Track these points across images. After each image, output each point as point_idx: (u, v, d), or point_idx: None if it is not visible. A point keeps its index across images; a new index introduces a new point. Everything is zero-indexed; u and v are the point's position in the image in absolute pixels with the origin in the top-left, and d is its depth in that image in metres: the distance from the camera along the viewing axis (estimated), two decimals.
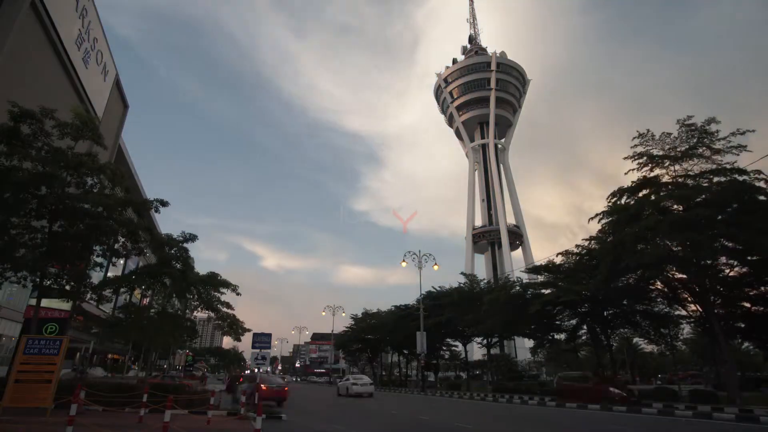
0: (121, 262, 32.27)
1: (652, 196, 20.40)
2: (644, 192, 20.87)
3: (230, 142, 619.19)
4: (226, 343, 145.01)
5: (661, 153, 20.80)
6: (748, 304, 22.02)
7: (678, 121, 20.54)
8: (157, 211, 15.38)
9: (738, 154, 19.21)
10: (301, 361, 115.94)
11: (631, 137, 21.71)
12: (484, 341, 37.96)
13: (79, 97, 23.88)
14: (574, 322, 29.48)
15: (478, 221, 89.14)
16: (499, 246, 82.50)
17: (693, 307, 22.94)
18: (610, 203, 22.09)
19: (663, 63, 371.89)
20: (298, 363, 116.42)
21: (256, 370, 33.60)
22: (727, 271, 20.81)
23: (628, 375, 53.14)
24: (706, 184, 19.46)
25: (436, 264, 35.82)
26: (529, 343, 40.64)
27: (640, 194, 20.96)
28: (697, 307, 21.98)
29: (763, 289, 21.05)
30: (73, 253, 13.13)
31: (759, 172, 18.27)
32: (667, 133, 20.84)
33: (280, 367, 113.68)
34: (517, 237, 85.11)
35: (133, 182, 36.11)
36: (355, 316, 58.91)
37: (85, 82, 24.16)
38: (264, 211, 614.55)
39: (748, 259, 19.58)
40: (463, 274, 42.66)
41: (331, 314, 59.10)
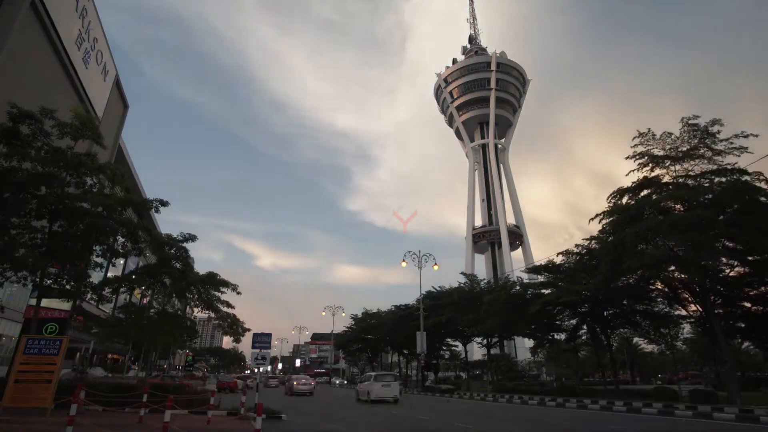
0: (121, 262, 32.27)
1: (653, 197, 20.38)
2: (645, 192, 20.85)
3: (221, 140, 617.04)
4: (226, 343, 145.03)
5: (661, 153, 20.78)
6: (748, 304, 22.03)
7: (682, 120, 20.48)
8: (157, 211, 15.39)
9: (739, 155, 19.18)
10: (302, 361, 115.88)
11: (623, 134, 21.81)
12: (484, 341, 37.97)
13: (79, 97, 23.88)
14: (574, 322, 29.47)
15: (478, 221, 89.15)
16: (499, 246, 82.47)
17: (693, 307, 22.93)
18: (611, 203, 22.07)
19: (655, 60, 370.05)
20: (298, 363, 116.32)
21: (256, 370, 33.60)
22: (727, 271, 20.80)
23: (628, 375, 53.18)
24: (707, 185, 19.45)
25: (436, 264, 35.79)
26: (529, 343, 40.64)
27: (641, 194, 20.95)
28: (697, 307, 21.97)
29: (763, 289, 21.06)
30: (73, 253, 13.12)
31: (760, 174, 18.27)
32: (669, 133, 20.81)
33: (280, 366, 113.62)
34: (517, 237, 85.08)
35: (133, 182, 36.12)
36: (355, 316, 58.95)
37: (85, 82, 24.15)
38: (257, 210, 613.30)
39: (748, 259, 19.59)
40: (463, 274, 42.66)
41: (331, 314, 59.13)
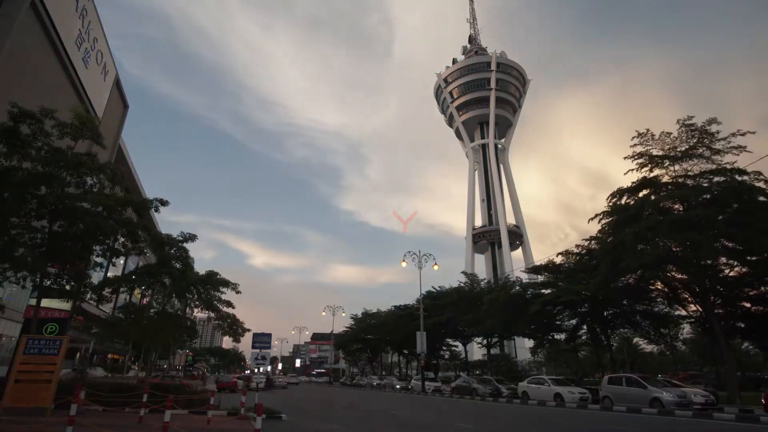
0: (121, 262, 32.29)
1: (652, 197, 20.40)
2: (644, 192, 20.88)
3: (209, 139, 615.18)
4: (226, 343, 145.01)
5: (660, 153, 20.80)
6: (748, 304, 22.04)
7: (678, 121, 20.56)
8: (156, 211, 15.39)
9: (738, 155, 19.22)
10: (302, 361, 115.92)
11: (616, 132, 21.94)
12: (484, 341, 37.99)
13: (79, 97, 23.88)
14: (574, 322, 29.49)
15: (478, 221, 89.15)
16: (499, 246, 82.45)
17: (693, 307, 22.95)
18: (610, 203, 22.10)
19: (647, 56, 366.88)
20: (298, 363, 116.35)
21: (256, 370, 33.69)
22: (727, 271, 20.82)
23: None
24: (706, 185, 19.46)
25: (436, 264, 35.80)
26: (529, 343, 40.63)
27: (640, 194, 20.97)
28: (697, 307, 21.99)
29: (763, 289, 21.07)
30: (73, 253, 13.11)
31: (759, 173, 18.29)
32: (667, 133, 20.85)
33: (281, 366, 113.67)
34: (517, 237, 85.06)
35: (132, 182, 36.13)
36: (355, 316, 58.99)
37: (85, 82, 24.16)
38: (248, 209, 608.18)
39: (748, 259, 19.59)
40: (464, 273, 42.66)
41: (331, 314, 59.12)
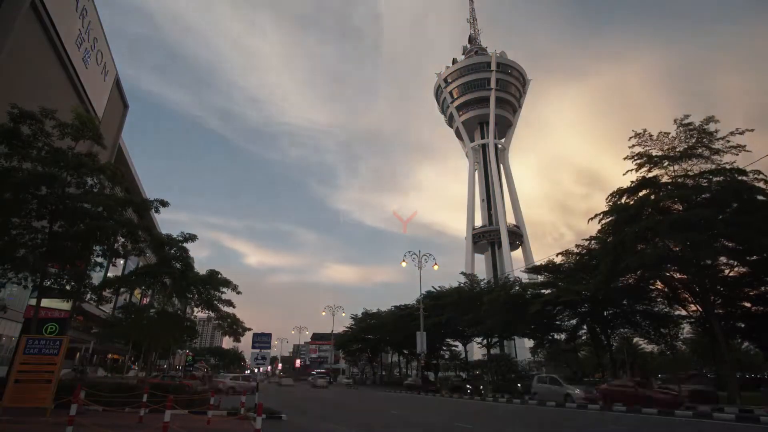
0: (121, 262, 32.27)
1: (652, 196, 20.40)
2: (644, 192, 20.87)
3: (200, 137, 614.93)
4: (226, 343, 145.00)
5: (659, 153, 20.79)
6: (748, 304, 22.03)
7: (675, 121, 20.54)
8: (157, 211, 15.38)
9: (737, 154, 19.21)
10: (302, 361, 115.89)
11: (609, 130, 21.84)
12: (484, 341, 37.97)
13: (79, 97, 23.88)
14: (574, 322, 29.50)
15: (478, 221, 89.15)
16: (499, 246, 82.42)
17: (693, 307, 22.95)
18: (610, 203, 22.10)
19: (638, 53, 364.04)
20: (298, 363, 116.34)
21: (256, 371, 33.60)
22: (727, 271, 20.81)
23: (628, 375, 53.11)
24: (706, 184, 19.45)
25: (436, 264, 35.85)
26: (529, 343, 40.64)
27: (640, 194, 20.96)
28: (697, 307, 21.98)
29: (763, 289, 21.07)
30: (73, 253, 13.11)
31: (758, 173, 18.27)
32: (665, 133, 20.85)
33: (281, 366, 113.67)
34: (517, 237, 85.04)
35: (133, 182, 36.13)
36: (355, 316, 58.98)
37: (85, 82, 24.15)
38: (242, 208, 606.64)
39: (748, 259, 19.58)
40: (463, 273, 42.67)
41: (331, 314, 59.16)
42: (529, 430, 12.15)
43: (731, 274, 20.78)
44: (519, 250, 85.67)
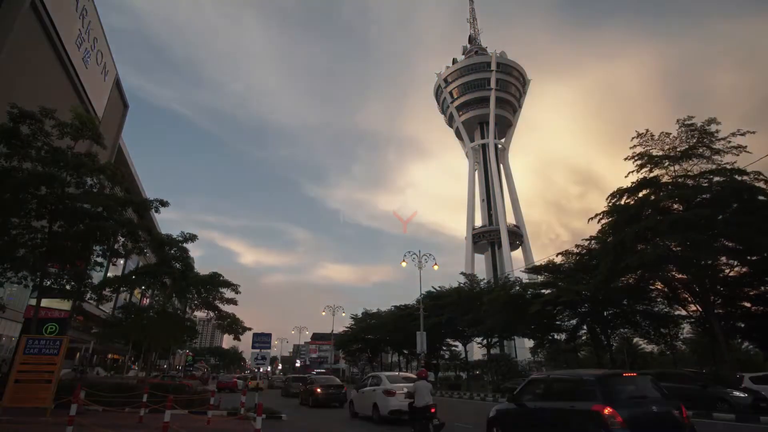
0: (121, 262, 32.28)
1: (652, 197, 20.40)
2: (644, 192, 20.87)
3: (188, 135, 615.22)
4: (226, 343, 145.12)
5: (660, 153, 20.80)
6: (748, 304, 22.02)
7: (678, 121, 20.56)
8: (157, 211, 15.40)
9: (738, 155, 19.20)
10: (302, 361, 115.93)
11: (601, 128, 21.71)
12: (484, 341, 37.96)
13: (79, 97, 23.89)
14: (574, 322, 29.47)
15: (478, 221, 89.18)
16: (499, 246, 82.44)
17: (693, 307, 22.93)
18: (610, 203, 22.10)
19: (629, 49, 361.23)
20: (298, 363, 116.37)
21: (256, 370, 33.60)
22: (727, 271, 20.81)
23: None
24: (706, 185, 19.45)
25: (436, 264, 35.82)
26: (529, 343, 40.61)
27: (640, 194, 20.96)
28: (697, 307, 21.97)
29: (763, 289, 21.05)
30: (73, 253, 13.13)
31: (759, 173, 18.27)
32: (667, 133, 20.85)
33: (280, 366, 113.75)
34: (517, 237, 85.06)
35: (132, 182, 36.14)
36: (355, 316, 58.98)
37: (85, 82, 24.17)
38: (234, 207, 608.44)
39: (748, 258, 19.58)
40: (463, 273, 42.66)
41: (331, 314, 59.15)
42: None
43: (731, 274, 20.77)
44: (519, 250, 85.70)
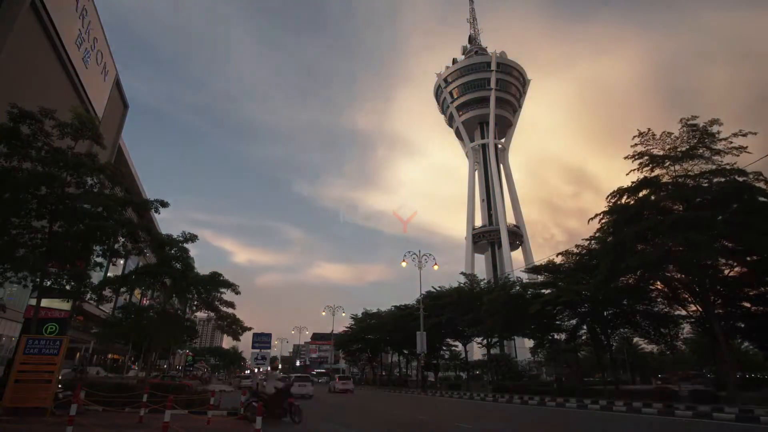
0: (121, 262, 32.28)
1: (653, 197, 20.39)
2: (644, 192, 20.86)
3: (176, 132, 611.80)
4: (226, 343, 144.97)
5: (661, 153, 20.79)
6: (748, 304, 22.02)
7: (681, 120, 20.56)
8: (156, 211, 15.39)
9: (738, 155, 19.20)
10: (302, 361, 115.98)
11: (593, 127, 21.65)
12: (484, 341, 37.96)
13: (79, 97, 23.89)
14: (574, 322, 29.45)
15: (478, 221, 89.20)
16: (499, 246, 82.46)
17: (693, 307, 22.93)
18: (610, 203, 22.10)
19: (621, 44, 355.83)
20: (298, 363, 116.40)
21: (256, 370, 33.62)
22: (727, 271, 20.80)
23: (628, 375, 53.15)
24: (706, 185, 19.46)
25: (436, 264, 35.91)
26: (529, 343, 40.62)
27: (640, 194, 20.95)
28: (697, 307, 21.97)
29: (763, 289, 21.04)
30: (73, 253, 13.11)
31: (759, 174, 18.28)
32: (668, 133, 20.85)
33: (280, 366, 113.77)
34: (517, 237, 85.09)
35: (132, 182, 36.14)
36: (355, 316, 58.99)
37: (85, 82, 24.16)
38: (227, 206, 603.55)
39: (748, 259, 19.58)
40: (463, 273, 42.66)
41: (331, 314, 59.21)
42: (530, 428, 12.15)
43: (731, 274, 20.77)
44: (519, 250, 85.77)
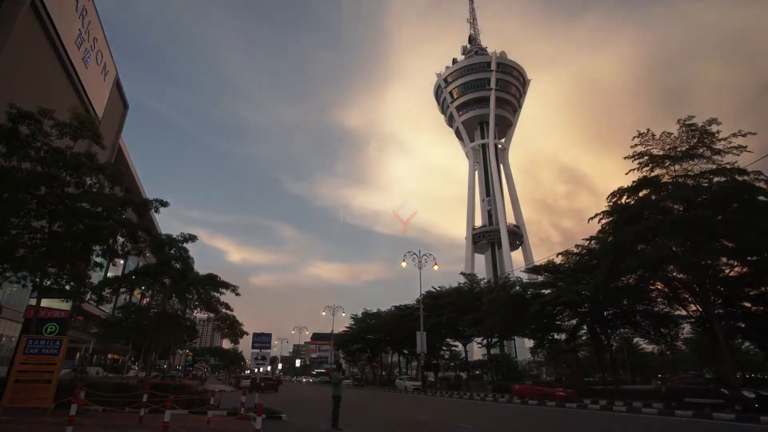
0: (121, 262, 32.28)
1: (653, 196, 20.39)
2: (644, 192, 20.86)
3: (169, 132, 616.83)
4: (226, 343, 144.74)
5: (661, 153, 20.79)
6: (748, 304, 22.01)
7: (679, 121, 20.58)
8: (156, 211, 15.38)
9: (738, 155, 19.19)
10: (302, 361, 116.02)
11: (587, 126, 21.64)
12: (484, 341, 37.97)
13: (79, 97, 23.89)
14: (574, 322, 29.46)
15: (478, 221, 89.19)
16: (499, 246, 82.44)
17: (693, 307, 22.92)
18: (610, 203, 22.09)
19: (614, 41, 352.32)
20: (298, 363, 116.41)
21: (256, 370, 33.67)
22: (727, 271, 20.80)
23: (628, 375, 53.14)
24: (706, 185, 19.45)
25: (436, 264, 35.92)
26: (529, 343, 40.62)
27: (640, 194, 20.95)
28: (697, 307, 21.96)
29: (763, 289, 21.03)
30: (72, 253, 13.11)
31: (759, 173, 18.27)
32: (668, 133, 20.85)
33: (281, 366, 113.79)
34: (517, 237, 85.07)
35: (132, 182, 36.13)
36: (355, 316, 59.01)
37: (85, 82, 24.16)
38: (221, 205, 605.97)
39: (748, 259, 19.57)
40: (463, 273, 42.65)
41: (331, 314, 59.23)
42: (529, 428, 12.14)
43: (731, 274, 20.77)
44: (519, 250, 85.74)
